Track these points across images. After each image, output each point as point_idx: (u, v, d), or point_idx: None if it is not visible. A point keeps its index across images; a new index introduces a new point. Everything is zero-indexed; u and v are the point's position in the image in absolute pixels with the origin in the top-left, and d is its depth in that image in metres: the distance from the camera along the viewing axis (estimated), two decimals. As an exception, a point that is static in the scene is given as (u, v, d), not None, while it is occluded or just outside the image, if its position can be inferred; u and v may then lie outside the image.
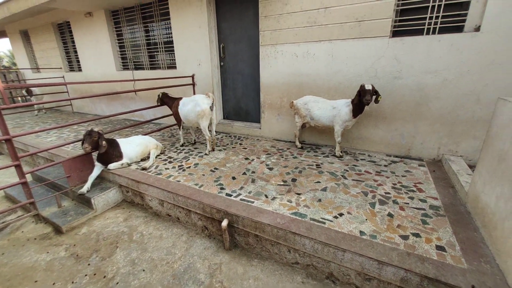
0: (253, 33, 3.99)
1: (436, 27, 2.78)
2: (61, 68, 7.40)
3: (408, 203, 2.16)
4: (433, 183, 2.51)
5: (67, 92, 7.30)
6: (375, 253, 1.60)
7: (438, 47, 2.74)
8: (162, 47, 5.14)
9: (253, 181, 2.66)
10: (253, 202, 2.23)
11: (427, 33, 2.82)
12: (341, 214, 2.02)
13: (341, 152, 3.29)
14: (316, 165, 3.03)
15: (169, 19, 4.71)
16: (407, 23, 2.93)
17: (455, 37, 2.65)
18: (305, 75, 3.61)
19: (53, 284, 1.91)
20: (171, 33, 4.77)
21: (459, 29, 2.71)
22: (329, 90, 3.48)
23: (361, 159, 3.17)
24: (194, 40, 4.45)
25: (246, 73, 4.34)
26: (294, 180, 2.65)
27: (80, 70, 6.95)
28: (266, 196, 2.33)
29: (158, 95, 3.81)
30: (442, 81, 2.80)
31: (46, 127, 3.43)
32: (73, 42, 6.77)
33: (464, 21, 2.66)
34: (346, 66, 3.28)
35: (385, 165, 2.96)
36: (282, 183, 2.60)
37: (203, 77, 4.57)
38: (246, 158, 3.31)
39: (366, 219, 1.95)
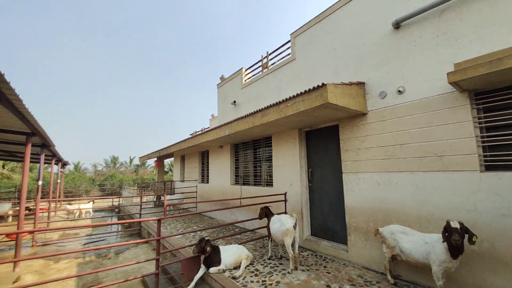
0: (337, 162, 4.64)
1: (541, 163, 2.52)
2: (196, 180, 10.28)
3: None
4: None
5: (196, 197, 9.75)
6: None
7: (552, 186, 2.38)
8: (264, 169, 6.56)
9: (329, 315, 2.58)
10: None
11: (531, 169, 2.56)
12: None
13: (447, 301, 2.71)
14: (410, 312, 2.61)
15: (271, 149, 6.24)
16: (501, 158, 2.80)
17: None
18: (389, 202, 3.64)
19: None
20: (271, 159, 6.16)
21: None
22: (420, 220, 3.29)
23: (479, 319, 2.47)
24: (288, 165, 5.55)
25: (332, 194, 4.74)
26: (376, 326, 2.39)
27: (207, 182, 9.43)
28: None
29: (262, 208, 4.51)
30: None
31: (185, 231, 4.78)
32: (207, 163, 9.64)
33: None
34: (434, 197, 3.17)
35: (520, 337, 2.18)
36: (361, 326, 2.39)
37: (293, 195, 5.30)
38: (328, 286, 3.25)
39: None
